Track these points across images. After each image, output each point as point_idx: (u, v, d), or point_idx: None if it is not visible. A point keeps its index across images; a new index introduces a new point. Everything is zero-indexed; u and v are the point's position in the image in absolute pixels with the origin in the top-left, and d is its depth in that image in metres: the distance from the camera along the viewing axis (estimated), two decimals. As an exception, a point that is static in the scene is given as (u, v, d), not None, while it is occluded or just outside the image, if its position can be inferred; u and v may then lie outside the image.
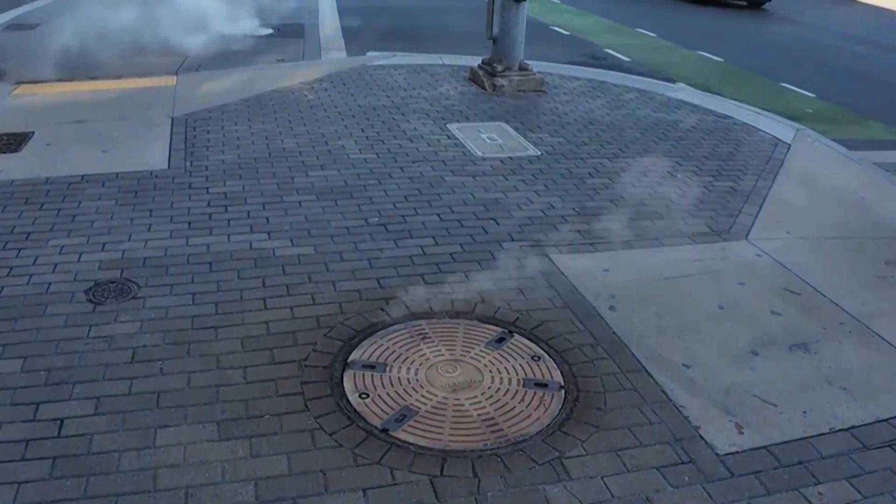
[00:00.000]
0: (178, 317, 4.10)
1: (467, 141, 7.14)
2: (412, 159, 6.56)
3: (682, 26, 16.12)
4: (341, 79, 9.01)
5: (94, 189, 5.67)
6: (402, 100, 8.30)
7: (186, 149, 6.51)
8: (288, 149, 6.64)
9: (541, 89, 9.15)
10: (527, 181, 6.29)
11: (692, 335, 4.31)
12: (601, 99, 9.02)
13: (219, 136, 6.86)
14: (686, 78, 11.50)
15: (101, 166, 6.10)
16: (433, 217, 5.47)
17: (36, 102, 7.94)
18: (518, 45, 9.09)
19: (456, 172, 6.34)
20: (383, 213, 5.49)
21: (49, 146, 6.54)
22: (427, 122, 7.62)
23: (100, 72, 9.50)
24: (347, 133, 7.12)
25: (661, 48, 13.77)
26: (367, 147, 6.79)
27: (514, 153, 6.94)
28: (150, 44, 10.72)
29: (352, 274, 4.62)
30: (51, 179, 5.82)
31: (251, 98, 8.08)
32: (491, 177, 6.33)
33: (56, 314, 4.11)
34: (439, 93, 8.69)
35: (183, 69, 9.81)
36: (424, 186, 6.01)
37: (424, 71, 9.61)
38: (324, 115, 7.64)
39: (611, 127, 7.95)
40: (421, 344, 3.95)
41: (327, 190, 5.83)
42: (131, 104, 7.84)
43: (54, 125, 7.12)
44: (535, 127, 7.76)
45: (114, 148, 6.52)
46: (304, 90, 8.47)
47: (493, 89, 8.92)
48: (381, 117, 7.66)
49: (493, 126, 7.68)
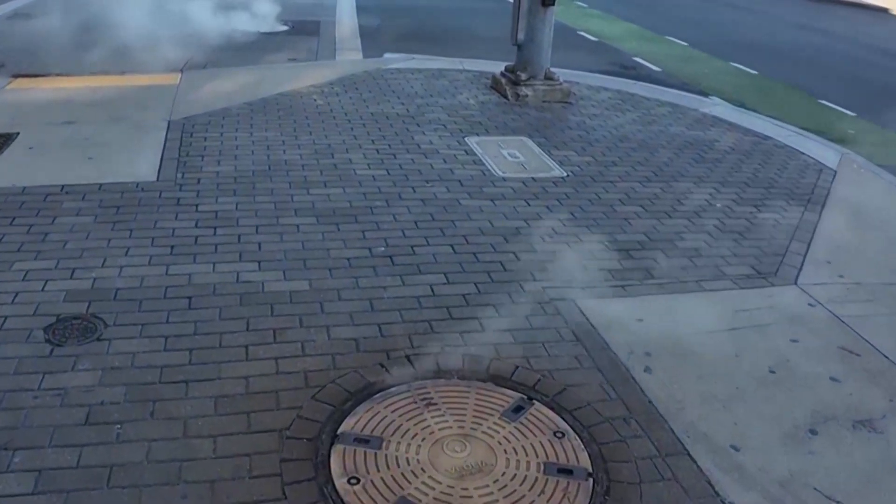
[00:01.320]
0: (146, 366, 3.53)
1: (487, 158, 6.55)
2: (426, 178, 5.97)
3: (714, 35, 15.43)
4: (354, 83, 8.43)
5: (72, 202, 5.12)
6: (418, 108, 7.72)
7: (180, 158, 5.95)
8: (290, 161, 6.06)
9: (567, 100, 8.54)
10: (551, 208, 5.69)
11: (740, 406, 3.71)
12: (631, 113, 8.40)
13: (216, 145, 6.30)
14: (719, 91, 10.85)
15: (84, 175, 5.55)
16: (446, 248, 4.89)
17: (28, 99, 7.42)
18: (544, 52, 8.48)
19: (473, 195, 5.75)
20: (390, 241, 4.91)
21: (32, 150, 6.01)
22: (444, 134, 7.03)
23: (102, 66, 8.99)
24: (356, 145, 6.54)
25: (693, 58, 13.11)
26: (377, 162, 6.20)
27: (538, 174, 6.34)
28: (159, 37, 10.19)
29: (349, 317, 4.04)
30: (27, 189, 5.28)
31: (256, 102, 7.52)
32: (512, 201, 5.74)
33: (7, 357, 3.56)
34: (458, 101, 8.09)
35: (189, 66, 9.27)
36: (438, 211, 5.42)
37: (443, 76, 9.02)
38: (332, 123, 7.07)
39: (642, 146, 7.34)
40: (425, 412, 3.37)
41: (329, 212, 5.25)
42: (127, 104, 7.29)
43: (41, 126, 6.58)
44: (561, 143, 7.15)
45: (101, 155, 5.97)
46: (313, 94, 7.90)
47: (516, 99, 8.32)
48: (395, 127, 7.08)
49: (515, 141, 7.08)
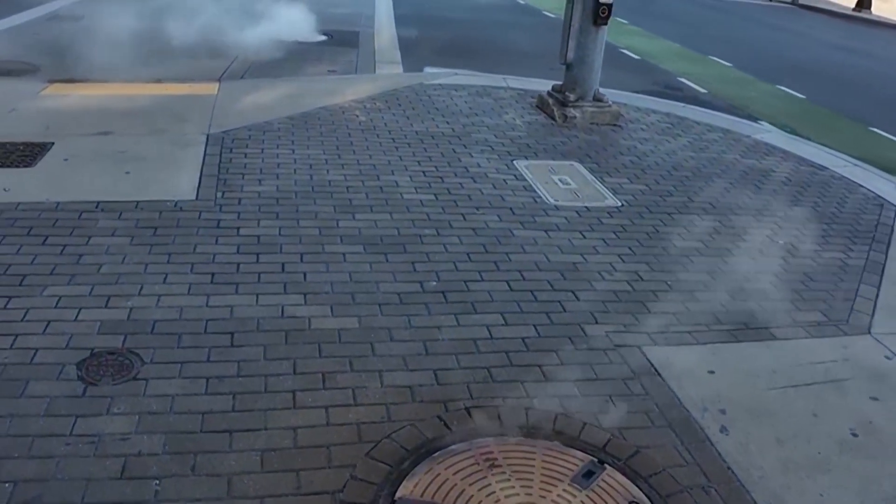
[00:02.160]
0: (186, 412, 3.25)
1: (537, 184, 6.25)
2: (476, 204, 5.68)
3: (757, 56, 15.06)
4: (397, 98, 8.17)
5: (108, 221, 4.87)
6: (464, 127, 7.43)
7: (219, 175, 5.70)
8: (334, 182, 5.79)
9: (616, 123, 8.24)
10: (608, 241, 5.38)
11: (824, 475, 3.38)
12: (683, 138, 8.08)
13: (257, 162, 6.04)
14: (768, 116, 10.49)
15: (120, 192, 5.31)
16: (501, 284, 4.59)
17: (63, 106, 7.21)
18: (594, 72, 8.18)
19: (526, 224, 5.45)
20: (442, 275, 4.61)
21: (66, 162, 5.78)
22: (492, 156, 6.74)
23: (140, 73, 8.80)
24: (402, 166, 6.26)
25: (738, 80, 12.75)
26: (424, 185, 5.92)
27: (592, 202, 6.04)
28: (197, 44, 10.00)
29: (403, 361, 3.75)
30: (61, 205, 5.04)
31: (297, 116, 7.27)
32: (566, 232, 5.43)
33: (37, 396, 3.29)
34: (504, 121, 7.80)
35: (227, 75, 9.05)
36: (490, 242, 5.12)
37: (487, 94, 8.74)
38: (376, 141, 6.80)
39: (697, 174, 7.01)
40: (489, 475, 3.07)
41: (376, 240, 4.97)
42: (165, 115, 7.06)
43: (77, 136, 6.36)
44: (613, 170, 6.84)
45: (138, 169, 5.73)
46: (355, 109, 7.64)
47: (564, 120, 8.02)
48: (441, 148, 6.80)
49: (566, 166, 6.78)
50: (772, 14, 23.63)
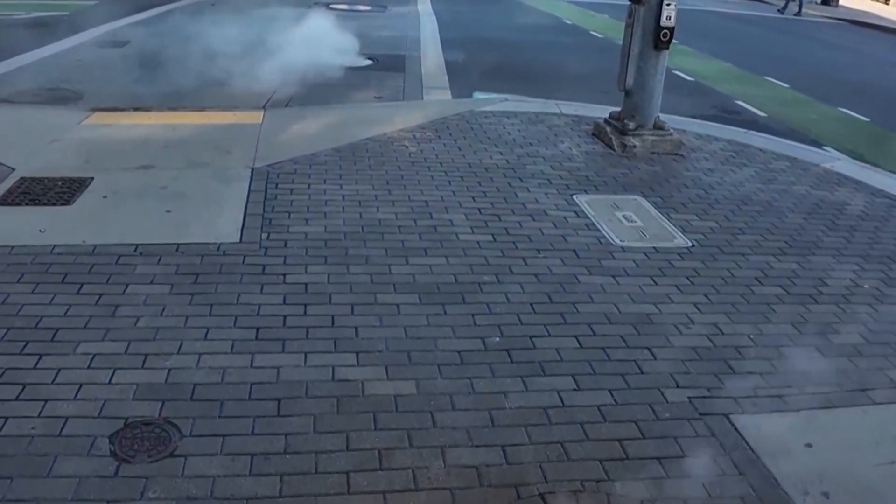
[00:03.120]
0: (228, 497, 2.91)
1: (600, 221, 5.84)
2: (536, 246, 5.29)
3: (814, 75, 14.48)
4: (447, 127, 7.83)
5: (147, 267, 4.57)
6: (519, 159, 7.06)
7: (264, 215, 5.39)
8: (385, 221, 5.45)
9: (678, 152, 7.81)
10: (682, 288, 4.95)
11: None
12: (748, 168, 7.62)
13: (304, 199, 5.72)
14: (832, 141, 9.96)
15: (160, 233, 5.02)
16: (569, 340, 4.19)
17: (104, 137, 6.98)
18: (655, 99, 7.78)
19: (592, 269, 5.05)
20: (505, 329, 4.23)
21: (105, 199, 5.51)
22: (550, 190, 6.35)
23: (183, 100, 8.59)
24: (456, 202, 5.90)
25: (797, 102, 12.23)
26: (481, 224, 5.55)
27: (660, 242, 5.62)
28: (241, 70, 9.77)
29: (467, 435, 3.36)
30: (98, 249, 4.76)
31: (344, 147, 6.95)
32: (636, 278, 5.02)
33: (66, 475, 2.98)
34: (560, 151, 7.42)
35: (272, 103, 8.80)
36: (555, 289, 4.73)
37: (540, 121, 8.36)
38: (427, 174, 6.45)
39: (767, 209, 6.56)
40: (571, 582, 2.65)
41: (433, 288, 4.60)
42: (208, 146, 6.80)
43: (117, 171, 6.11)
44: (679, 205, 6.41)
45: (180, 207, 5.44)
46: (404, 140, 7.31)
47: (623, 150, 7.61)
48: (495, 182, 6.43)
49: (629, 201, 6.36)
50: (820, 30, 22.99)
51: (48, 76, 9.70)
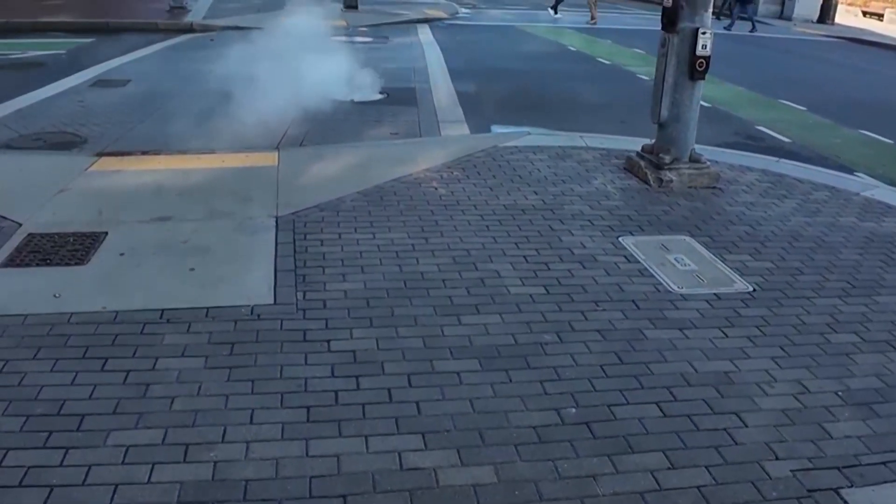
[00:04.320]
0: None
1: (653, 266, 5.45)
2: (593, 297, 4.89)
3: (829, 97, 14.21)
4: (473, 165, 7.45)
5: (176, 336, 4.15)
6: (554, 198, 6.67)
7: (297, 271, 4.97)
8: (427, 274, 5.04)
9: (716, 185, 7.44)
10: (754, 340, 4.56)
11: None
12: (790, 200, 7.26)
13: (336, 251, 5.31)
14: (862, 166, 9.64)
15: (186, 295, 4.60)
16: (650, 408, 3.78)
17: (115, 185, 6.58)
18: (690, 131, 7.43)
19: (656, 322, 4.64)
20: (579, 398, 3.82)
21: (123, 257, 5.09)
22: (593, 232, 5.96)
23: (192, 142, 8.20)
24: (498, 250, 5.50)
25: (818, 126, 11.92)
26: (529, 274, 5.15)
27: (720, 288, 5.22)
28: (250, 106, 9.39)
29: (563, 533, 2.92)
30: (120, 316, 4.33)
31: (370, 190, 6.56)
32: (703, 330, 4.62)
33: None
34: (595, 188, 7.04)
35: (285, 142, 8.43)
36: (622, 348, 4.32)
37: (568, 156, 8.00)
38: (462, 219, 6.05)
39: (820, 244, 6.18)
40: None
41: (492, 351, 4.18)
42: (226, 193, 6.39)
43: (132, 223, 5.69)
44: (730, 244, 6.03)
45: (204, 264, 5.02)
46: (431, 180, 6.92)
47: (660, 185, 7.24)
48: (535, 224, 6.04)
49: (678, 242, 5.98)
50: (821, 49, 22.83)
51: (49, 119, 9.32)
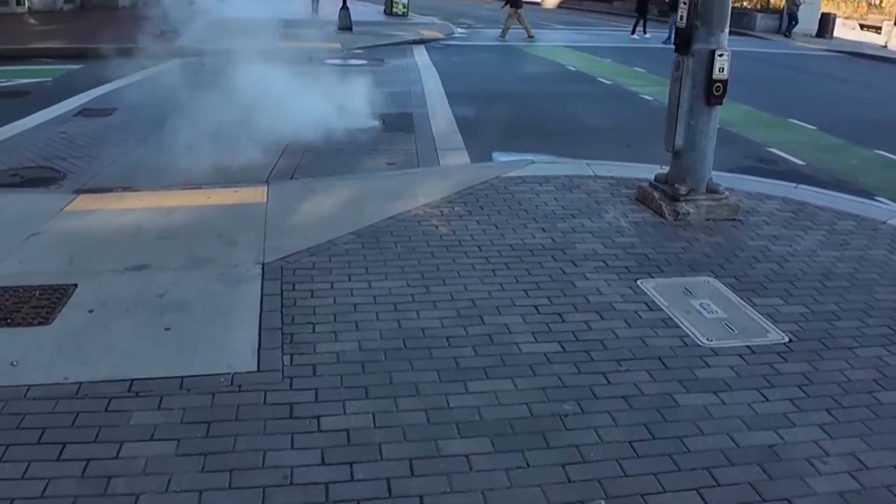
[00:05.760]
0: None
1: (677, 314, 4.95)
2: (614, 355, 4.38)
3: (839, 116, 13.77)
4: (476, 199, 6.96)
5: (144, 414, 3.64)
6: (564, 235, 6.18)
7: (284, 329, 4.46)
8: (429, 330, 4.53)
9: (735, 217, 6.95)
10: (798, 402, 4.06)
11: None
12: (814, 232, 6.77)
13: (328, 304, 4.81)
14: (883, 189, 9.17)
15: (159, 362, 4.09)
16: (691, 496, 3.29)
17: (90, 228, 6.08)
18: (707, 160, 6.95)
19: (688, 384, 4.13)
20: (609, 486, 3.31)
21: (91, 315, 4.58)
22: (609, 275, 5.46)
23: (178, 176, 7.72)
24: (507, 299, 4.99)
25: (832, 147, 11.46)
26: (542, 328, 4.64)
27: (752, 339, 4.72)
28: (238, 136, 8.92)
29: None
30: (83, 388, 3.82)
31: (365, 230, 6.06)
32: (740, 392, 4.12)
33: None
34: (607, 223, 6.54)
35: (275, 174, 7.95)
36: (652, 418, 3.81)
37: (576, 187, 7.51)
38: (466, 262, 5.55)
39: (853, 283, 5.70)
40: None
41: (505, 427, 3.67)
42: (210, 236, 5.90)
43: (105, 273, 5.19)
44: (757, 285, 5.53)
45: (181, 323, 4.51)
46: (431, 217, 6.42)
47: (675, 218, 6.75)
48: (545, 267, 5.54)
49: (701, 284, 5.48)
50: (823, 64, 22.48)
51: (28, 153, 8.85)
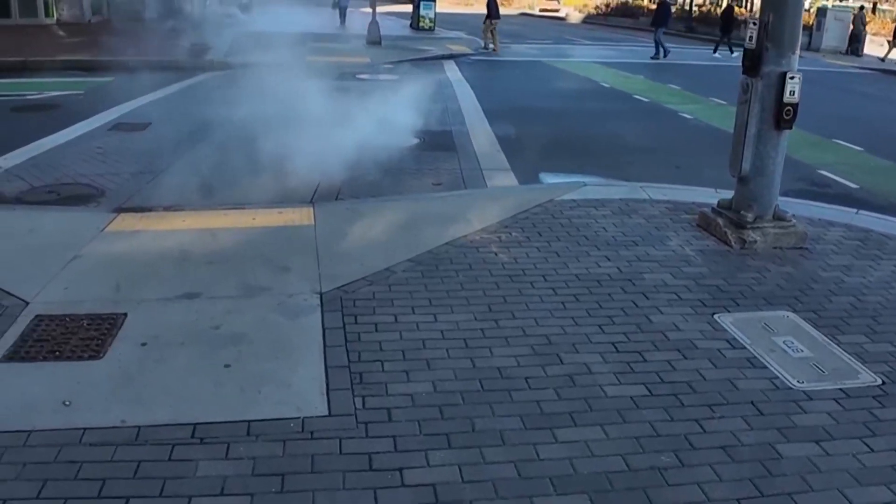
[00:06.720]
0: None
1: (761, 353, 4.64)
2: (704, 399, 4.09)
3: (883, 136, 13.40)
4: (532, 224, 6.68)
5: (212, 464, 3.37)
6: (630, 265, 5.88)
7: (351, 367, 4.19)
8: (505, 370, 4.24)
9: (803, 246, 6.62)
10: (910, 456, 3.70)
11: None
12: (886, 262, 6.45)
13: (395, 339, 4.53)
14: (942, 215, 8.74)
15: (222, 405, 3.82)
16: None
17: (134, 250, 5.84)
18: (774, 186, 6.65)
19: (787, 433, 3.84)
20: (724, 556, 2.97)
21: (145, 349, 4.32)
22: (684, 310, 5.16)
23: (218, 194, 7.52)
24: (581, 335, 4.70)
25: (882, 169, 11.11)
26: (624, 368, 4.34)
27: (844, 381, 4.41)
28: (278, 153, 8.68)
29: None
30: (143, 433, 3.56)
31: (422, 257, 5.79)
32: (843, 442, 3.81)
33: None
34: (672, 252, 6.24)
35: (319, 195, 7.70)
36: (757, 472, 3.52)
37: (633, 211, 7.21)
38: (533, 293, 5.27)
39: (940, 319, 5.34)
40: None
41: (602, 481, 3.38)
42: (260, 261, 5.64)
43: (155, 302, 4.94)
44: (838, 320, 5.22)
45: (241, 359, 4.25)
46: (489, 244, 6.14)
47: (742, 246, 6.45)
48: (616, 300, 5.24)
49: (780, 319, 5.17)
50: (862, 82, 22.10)
51: (64, 168, 8.65)
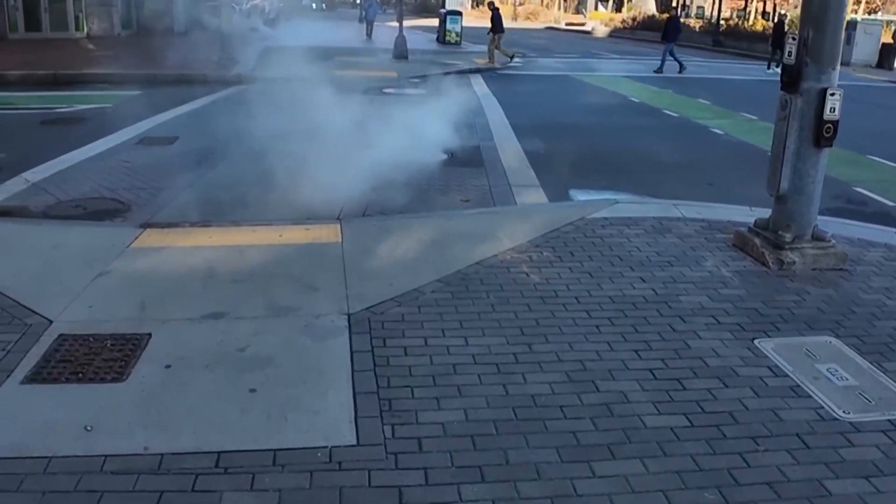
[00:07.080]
0: None
1: (805, 381, 4.46)
2: (748, 431, 3.92)
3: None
4: (564, 243, 6.53)
5: (236, 495, 3.26)
6: (664, 286, 5.71)
7: (380, 393, 4.06)
8: (539, 398, 4.10)
9: (843, 266, 6.42)
10: (968, 496, 3.50)
11: None
12: (930, 285, 6.20)
13: (425, 363, 4.40)
14: (984, 235, 8.46)
15: (247, 432, 3.70)
16: None
17: (160, 267, 5.76)
18: (814, 206, 6.46)
19: (835, 468, 3.66)
20: None
21: (169, 371, 4.22)
22: (723, 334, 4.99)
23: (245, 211, 7.45)
24: (618, 361, 4.54)
25: (918, 186, 10.82)
26: (663, 397, 4.17)
27: (892, 411, 4.24)
28: (303, 169, 8.61)
29: None
30: (166, 460, 3.44)
31: (452, 277, 5.66)
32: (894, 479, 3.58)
33: None
34: (708, 273, 6.06)
35: (346, 211, 7.61)
36: (807, 513, 3.30)
37: (667, 230, 7.04)
38: (566, 316, 5.12)
39: None
40: None
41: (642, 521, 3.19)
42: (287, 280, 5.54)
43: (180, 322, 4.85)
44: (883, 347, 5.03)
45: (267, 384, 4.13)
46: (520, 264, 6.00)
47: (780, 267, 6.26)
48: (652, 323, 5.08)
49: (822, 345, 4.98)
50: (883, 95, 21.72)
51: (91, 182, 8.63)
